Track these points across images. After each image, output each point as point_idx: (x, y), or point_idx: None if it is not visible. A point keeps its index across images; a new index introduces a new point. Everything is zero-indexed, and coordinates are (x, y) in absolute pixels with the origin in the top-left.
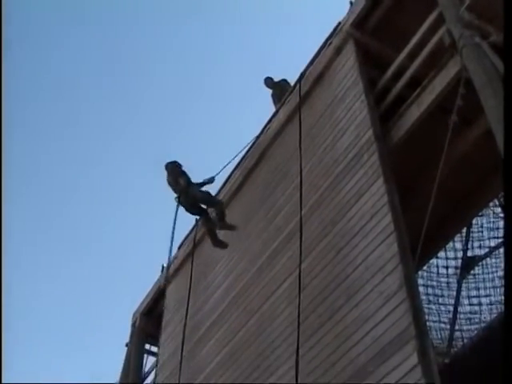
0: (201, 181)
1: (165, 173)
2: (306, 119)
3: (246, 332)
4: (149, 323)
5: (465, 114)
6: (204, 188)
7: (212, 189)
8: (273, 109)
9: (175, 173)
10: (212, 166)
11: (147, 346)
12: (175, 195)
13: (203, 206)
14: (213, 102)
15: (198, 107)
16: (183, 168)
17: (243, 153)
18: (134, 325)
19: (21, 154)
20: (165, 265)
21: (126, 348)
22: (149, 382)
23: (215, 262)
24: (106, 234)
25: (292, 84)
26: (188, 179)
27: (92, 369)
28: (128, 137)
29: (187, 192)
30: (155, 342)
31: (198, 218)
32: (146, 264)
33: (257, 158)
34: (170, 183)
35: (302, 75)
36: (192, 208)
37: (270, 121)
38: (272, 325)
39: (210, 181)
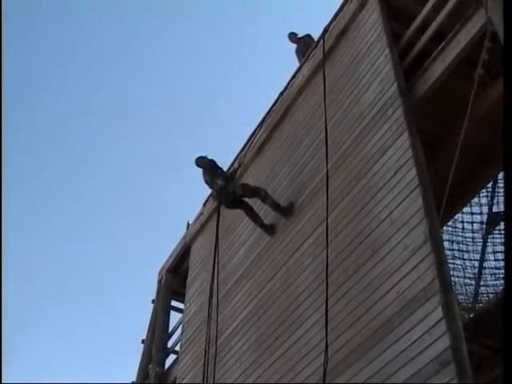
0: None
1: (198, 170)
2: (330, 74)
3: (272, 287)
4: (174, 280)
5: (490, 67)
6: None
7: (236, 147)
8: (297, 64)
9: (210, 171)
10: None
11: (173, 303)
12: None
13: (244, 199)
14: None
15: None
16: (216, 163)
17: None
18: (159, 282)
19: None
20: (190, 221)
21: (153, 305)
22: (175, 337)
23: (240, 219)
24: (131, 192)
25: (316, 39)
26: (224, 175)
27: (120, 325)
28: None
29: (226, 190)
30: (181, 299)
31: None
32: (171, 221)
33: (281, 114)
34: (206, 182)
35: (326, 30)
36: (233, 204)
37: (293, 76)
38: (297, 280)
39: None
